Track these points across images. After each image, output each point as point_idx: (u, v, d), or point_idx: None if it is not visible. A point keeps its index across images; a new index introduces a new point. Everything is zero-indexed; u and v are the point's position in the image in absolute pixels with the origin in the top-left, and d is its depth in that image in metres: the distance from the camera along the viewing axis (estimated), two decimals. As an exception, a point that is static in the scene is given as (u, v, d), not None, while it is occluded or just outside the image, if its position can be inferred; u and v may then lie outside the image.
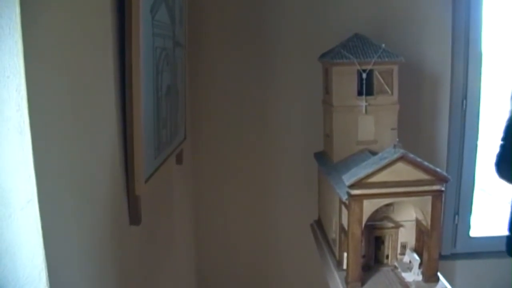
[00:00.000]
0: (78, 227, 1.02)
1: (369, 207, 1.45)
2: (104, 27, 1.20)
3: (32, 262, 0.75)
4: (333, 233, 1.75)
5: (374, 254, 1.62)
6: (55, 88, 0.91)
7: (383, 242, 1.61)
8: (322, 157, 1.97)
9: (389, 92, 1.80)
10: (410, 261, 1.56)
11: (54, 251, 0.83)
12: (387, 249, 1.61)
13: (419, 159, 1.42)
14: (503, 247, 2.20)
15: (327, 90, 1.90)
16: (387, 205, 1.53)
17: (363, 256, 1.55)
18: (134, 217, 1.35)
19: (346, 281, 1.51)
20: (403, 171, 1.42)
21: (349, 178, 1.45)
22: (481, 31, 2.56)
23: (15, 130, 0.70)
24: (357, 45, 1.81)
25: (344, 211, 1.54)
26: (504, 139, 2.16)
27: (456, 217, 2.71)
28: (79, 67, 1.04)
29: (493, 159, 2.20)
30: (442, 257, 1.55)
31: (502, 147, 2.16)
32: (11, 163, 0.69)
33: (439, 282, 1.50)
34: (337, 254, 1.68)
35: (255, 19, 2.46)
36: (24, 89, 0.71)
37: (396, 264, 1.59)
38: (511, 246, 2.20)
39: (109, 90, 1.22)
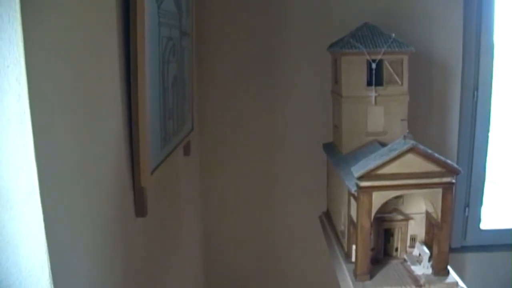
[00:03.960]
0: (81, 219, 1.01)
1: (378, 199, 1.43)
2: (109, 15, 1.18)
3: (35, 255, 0.74)
4: (342, 225, 1.74)
5: (383, 246, 1.60)
6: (57, 78, 0.90)
7: (392, 235, 1.59)
8: (331, 148, 1.95)
9: (399, 82, 1.77)
10: (419, 254, 1.54)
11: (57, 243, 0.82)
12: (397, 241, 1.59)
13: (429, 151, 1.40)
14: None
15: (336, 80, 1.88)
16: (397, 197, 1.51)
17: (372, 249, 1.53)
18: (140, 209, 1.34)
19: (355, 274, 1.50)
20: (413, 163, 1.40)
21: (358, 169, 1.43)
22: (493, 21, 2.52)
23: (15, 120, 0.68)
24: (366, 34, 1.79)
25: (353, 203, 1.52)
26: None
27: (467, 209, 2.69)
28: (82, 56, 1.02)
29: None
30: (452, 249, 1.54)
31: None
32: (11, 154, 0.68)
33: (449, 275, 1.48)
34: (345, 246, 1.67)
35: (263, 8, 2.44)
36: (25, 79, 0.69)
37: (405, 257, 1.58)
38: None
39: (114, 80, 1.21)
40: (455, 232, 2.64)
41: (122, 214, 1.26)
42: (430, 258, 1.50)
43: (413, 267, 1.52)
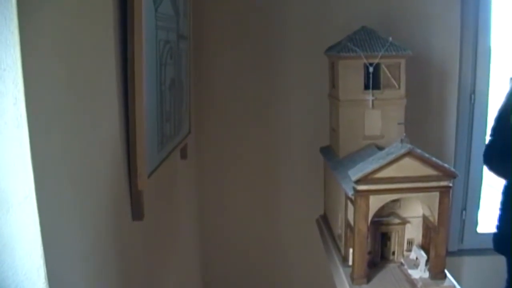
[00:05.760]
0: (78, 222, 1.01)
1: (375, 202, 1.43)
2: (106, 19, 1.18)
3: (31, 258, 0.74)
4: (339, 229, 1.73)
5: (380, 250, 1.60)
6: (53, 81, 0.90)
7: (389, 239, 1.59)
8: (328, 152, 1.95)
9: (396, 86, 1.77)
10: (416, 258, 1.54)
11: (53, 247, 0.81)
12: (394, 245, 1.59)
13: (426, 155, 1.40)
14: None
15: (333, 84, 1.88)
16: (394, 201, 1.51)
17: (369, 253, 1.53)
18: (137, 212, 1.33)
19: (352, 278, 1.49)
20: (410, 167, 1.40)
21: (355, 173, 1.43)
22: (490, 25, 2.53)
23: (12, 124, 0.68)
24: (364, 38, 1.79)
25: (350, 207, 1.52)
26: (493, 129, 2.14)
27: (464, 213, 2.69)
28: (79, 59, 1.02)
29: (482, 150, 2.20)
30: (449, 253, 1.53)
31: (492, 135, 2.15)
32: (8, 158, 0.68)
33: (446, 279, 1.48)
34: (342, 250, 1.66)
35: (261, 12, 2.44)
36: (21, 82, 0.69)
37: (402, 260, 1.57)
38: (497, 243, 2.21)
39: (111, 83, 1.21)
40: (452, 236, 2.65)
41: (119, 218, 1.26)
42: (427, 261, 1.50)
43: (410, 271, 1.52)
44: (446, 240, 1.48)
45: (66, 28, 0.96)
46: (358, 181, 1.41)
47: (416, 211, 1.56)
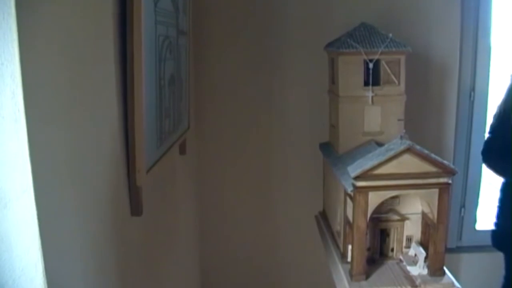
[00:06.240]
0: (76, 217, 1.00)
1: (374, 199, 1.43)
2: (105, 13, 1.18)
3: (28, 253, 0.73)
4: (338, 225, 1.73)
5: (379, 247, 1.60)
6: (52, 75, 0.89)
7: (388, 235, 1.59)
8: (327, 148, 1.95)
9: (396, 82, 1.77)
10: (415, 255, 1.54)
11: (51, 242, 0.81)
12: (393, 242, 1.59)
13: (426, 151, 1.40)
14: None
15: (333, 80, 1.88)
16: (393, 197, 1.51)
17: (368, 249, 1.53)
18: (136, 208, 1.33)
19: (351, 274, 1.49)
20: (410, 163, 1.40)
21: (354, 169, 1.43)
22: (490, 22, 2.53)
23: (10, 118, 0.68)
24: (364, 34, 1.78)
25: (349, 203, 1.52)
26: (492, 126, 2.14)
27: (462, 210, 2.69)
28: (78, 53, 1.01)
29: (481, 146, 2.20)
30: (447, 250, 1.53)
31: (491, 133, 2.15)
32: (5, 152, 0.67)
33: (445, 276, 1.48)
34: (341, 246, 1.66)
35: (260, 7, 2.43)
36: (19, 76, 0.69)
37: (401, 257, 1.58)
38: (496, 240, 2.22)
39: (110, 78, 1.20)
40: (450, 233, 2.64)
41: (117, 213, 1.25)
42: (426, 258, 1.50)
43: (409, 268, 1.52)
44: (445, 237, 1.48)
45: (64, 22, 0.95)
46: (357, 178, 1.41)
47: (415, 207, 1.56)
